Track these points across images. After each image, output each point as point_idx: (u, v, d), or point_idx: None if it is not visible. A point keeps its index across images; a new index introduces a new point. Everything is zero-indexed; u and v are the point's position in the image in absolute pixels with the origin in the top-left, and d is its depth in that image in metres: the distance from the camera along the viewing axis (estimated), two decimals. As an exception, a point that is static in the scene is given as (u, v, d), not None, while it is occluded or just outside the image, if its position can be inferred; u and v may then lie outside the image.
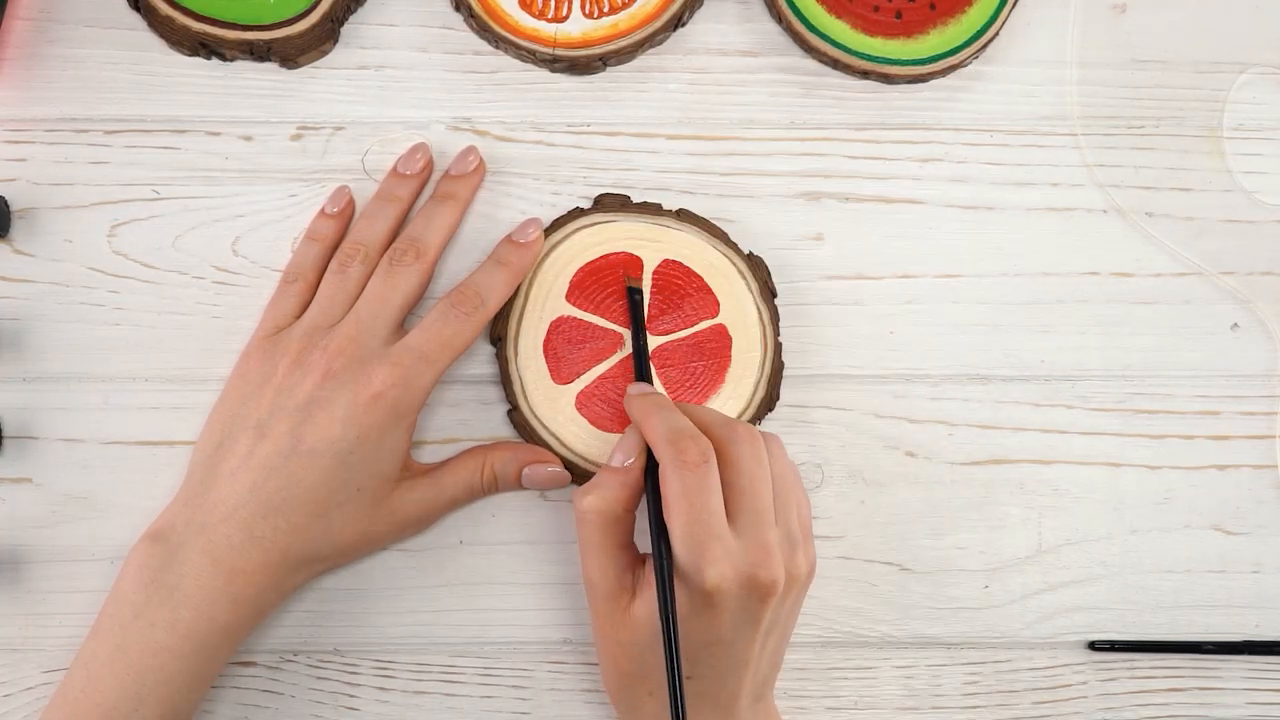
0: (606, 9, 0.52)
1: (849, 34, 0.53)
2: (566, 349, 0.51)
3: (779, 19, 0.53)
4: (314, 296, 0.50)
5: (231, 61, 0.53)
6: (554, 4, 0.52)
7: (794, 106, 0.54)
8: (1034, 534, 0.53)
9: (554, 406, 0.51)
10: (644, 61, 0.54)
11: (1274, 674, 0.52)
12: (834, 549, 0.52)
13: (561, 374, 0.51)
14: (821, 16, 0.52)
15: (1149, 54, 0.55)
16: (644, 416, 0.46)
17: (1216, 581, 0.53)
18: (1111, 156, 0.54)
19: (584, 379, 0.51)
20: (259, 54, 0.52)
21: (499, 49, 0.53)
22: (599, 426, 0.50)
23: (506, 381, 0.51)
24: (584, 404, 0.50)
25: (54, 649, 0.50)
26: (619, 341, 0.51)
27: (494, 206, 0.53)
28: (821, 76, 0.54)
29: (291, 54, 0.52)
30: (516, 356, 0.51)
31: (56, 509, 0.51)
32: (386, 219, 0.51)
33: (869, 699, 0.52)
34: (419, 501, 0.49)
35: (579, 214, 0.52)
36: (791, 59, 0.54)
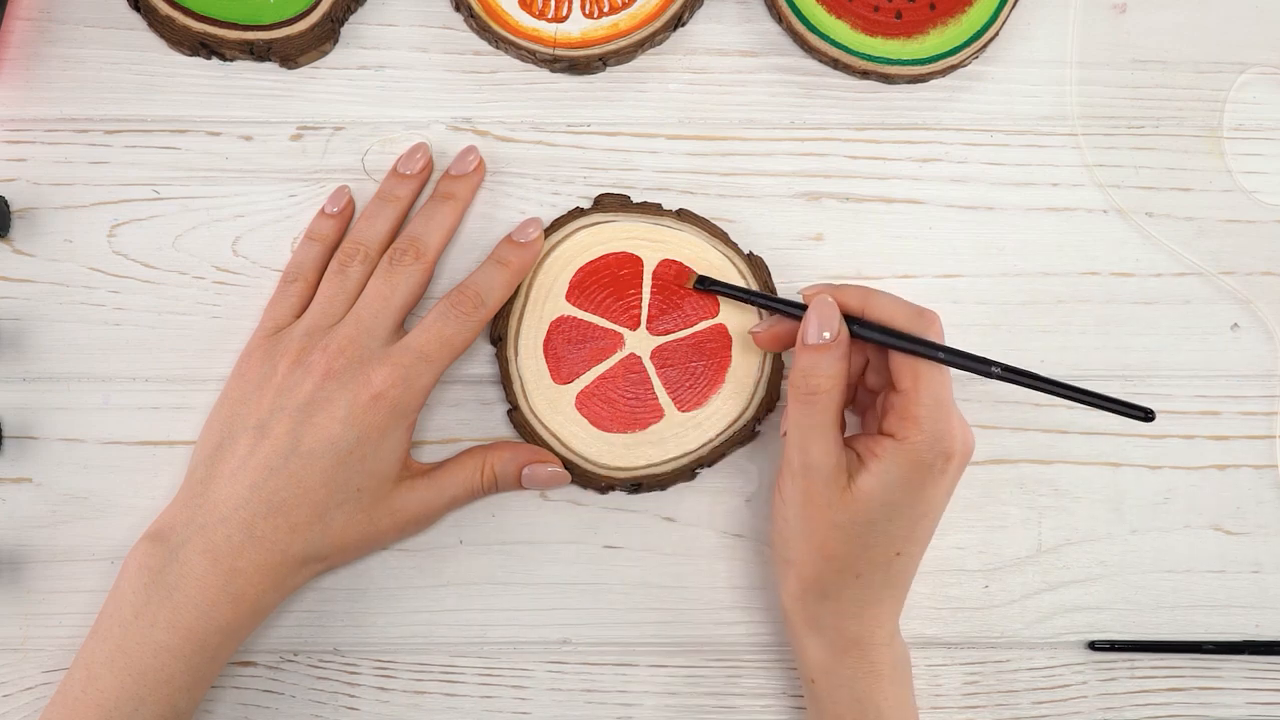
0: (606, 9, 0.52)
1: (849, 34, 0.53)
2: (566, 349, 0.51)
3: (779, 19, 0.53)
4: (314, 296, 0.50)
5: (231, 61, 0.53)
6: (554, 4, 0.52)
7: (794, 106, 0.54)
8: (1034, 534, 0.53)
9: (554, 406, 0.51)
10: (644, 61, 0.54)
11: (1274, 674, 0.52)
12: (834, 549, 0.52)
13: (561, 374, 0.51)
14: (822, 16, 0.52)
15: (1149, 54, 0.55)
16: (866, 296, 0.46)
17: (1216, 581, 0.53)
18: (1111, 156, 0.54)
19: (584, 379, 0.51)
20: (259, 54, 0.52)
21: (499, 49, 0.53)
22: (599, 426, 0.50)
23: (506, 381, 0.51)
24: (584, 404, 0.50)
25: (54, 649, 0.50)
26: (619, 341, 0.51)
27: (494, 206, 0.53)
28: (822, 76, 0.54)
29: (291, 54, 0.52)
30: (516, 356, 0.51)
31: (56, 509, 0.51)
32: (386, 219, 0.51)
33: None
34: (419, 501, 0.49)
35: (579, 214, 0.52)
36: (791, 59, 0.54)
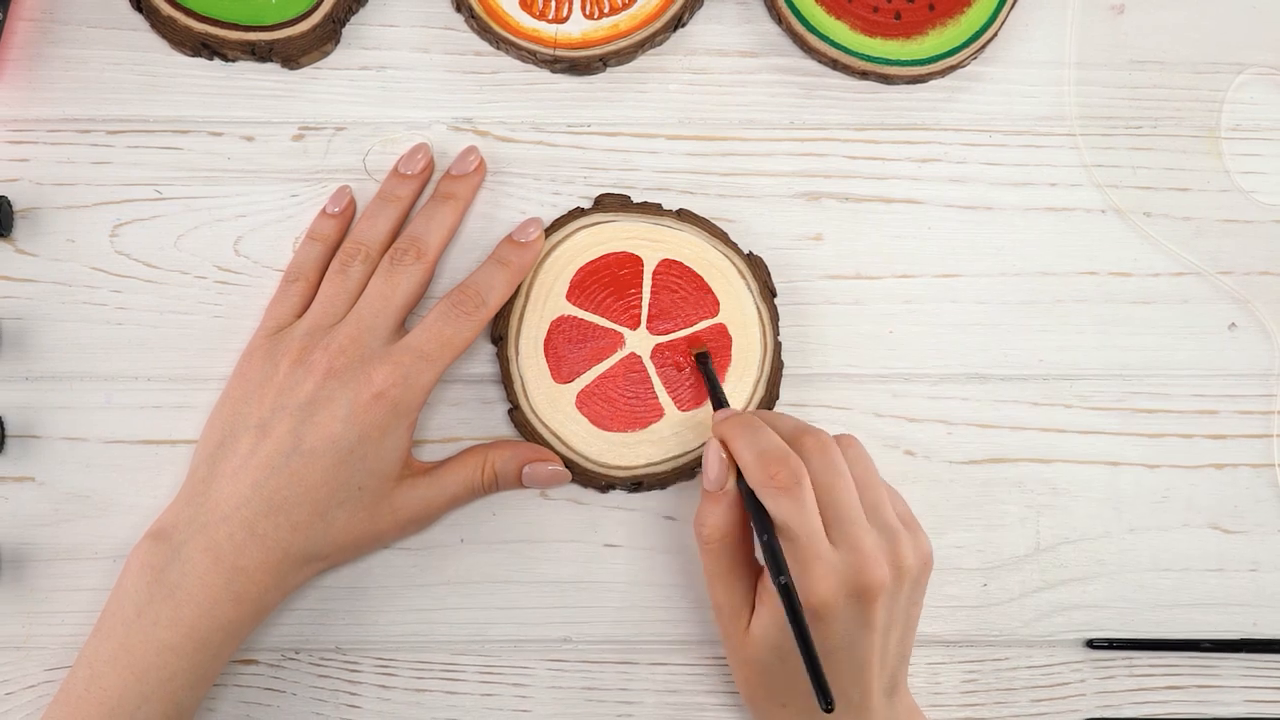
0: (607, 10, 0.52)
1: (848, 35, 0.53)
2: (567, 348, 0.51)
3: (779, 20, 0.53)
4: (315, 296, 0.50)
5: (233, 62, 0.53)
6: (554, 5, 0.52)
7: (793, 107, 0.54)
8: (1032, 532, 0.53)
9: (554, 405, 0.51)
10: (644, 62, 0.54)
11: (1271, 671, 0.53)
12: (833, 547, 0.53)
13: (562, 373, 0.51)
14: (821, 17, 0.53)
15: (1147, 55, 0.55)
16: (731, 439, 0.46)
17: (1214, 580, 0.53)
18: (1109, 157, 0.54)
19: (584, 378, 0.51)
20: (261, 54, 0.52)
21: (500, 50, 0.53)
22: (599, 425, 0.51)
23: (507, 380, 0.51)
24: (584, 403, 0.51)
25: (57, 647, 0.51)
26: (619, 341, 0.51)
27: (495, 206, 0.53)
28: (821, 77, 0.54)
29: (293, 54, 0.52)
30: (517, 356, 0.51)
31: (59, 507, 0.51)
32: (387, 219, 0.51)
33: None
34: (420, 500, 0.49)
35: (579, 214, 0.52)
36: (791, 59, 0.54)
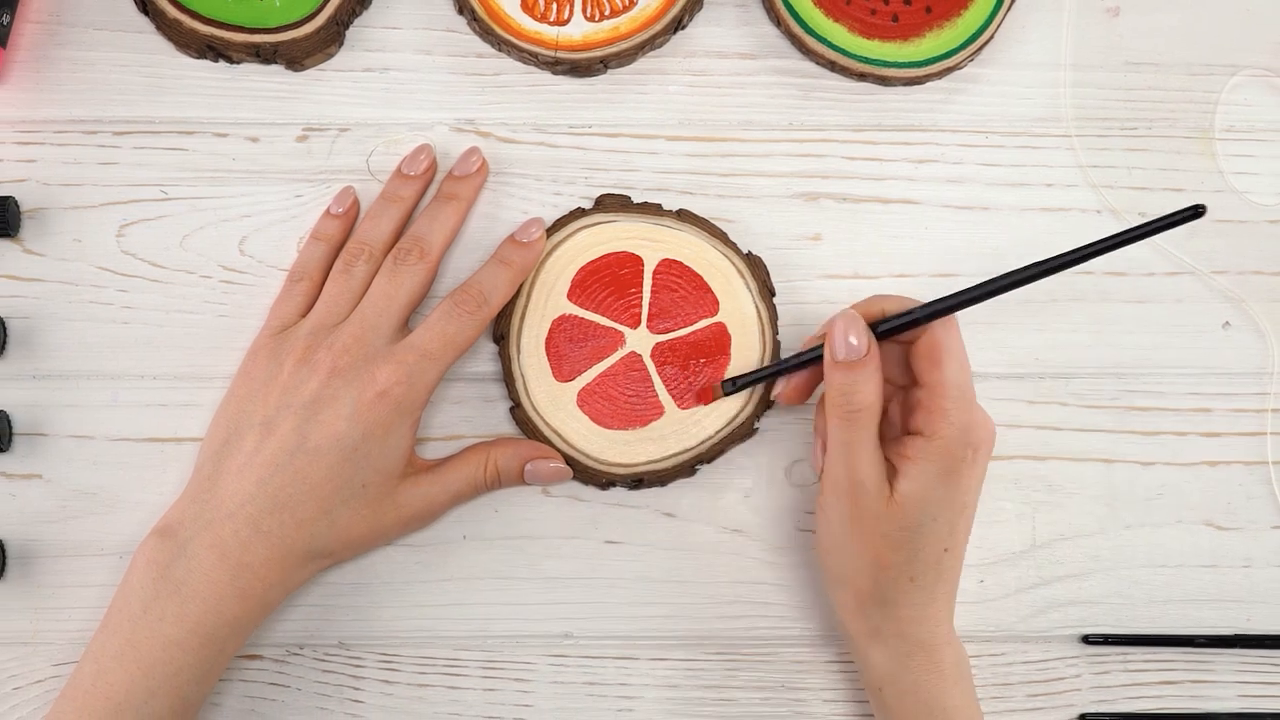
0: (607, 12, 0.52)
1: (846, 37, 0.53)
2: (568, 347, 0.51)
3: (777, 22, 0.53)
4: (319, 295, 0.50)
5: (238, 64, 0.53)
6: (556, 7, 0.52)
7: (792, 108, 0.54)
8: (1028, 529, 0.53)
9: (556, 403, 0.51)
10: (644, 64, 0.54)
11: (1265, 667, 0.53)
12: (831, 544, 0.53)
13: (563, 371, 0.51)
14: (819, 20, 0.53)
15: (1142, 56, 0.55)
16: (869, 300, 0.48)
17: (1208, 576, 0.53)
18: (1105, 157, 0.54)
19: (585, 376, 0.51)
20: (265, 56, 0.52)
21: (501, 52, 0.53)
22: (600, 423, 0.51)
23: (509, 379, 0.51)
24: (585, 401, 0.51)
25: (64, 643, 0.51)
26: (619, 340, 0.51)
27: (497, 206, 0.53)
28: (819, 79, 0.54)
29: (297, 56, 0.52)
30: (519, 354, 0.51)
31: (66, 504, 0.51)
32: (391, 219, 0.51)
33: (864, 692, 0.51)
34: (423, 497, 0.49)
35: (580, 214, 0.52)
36: (790, 61, 0.54)
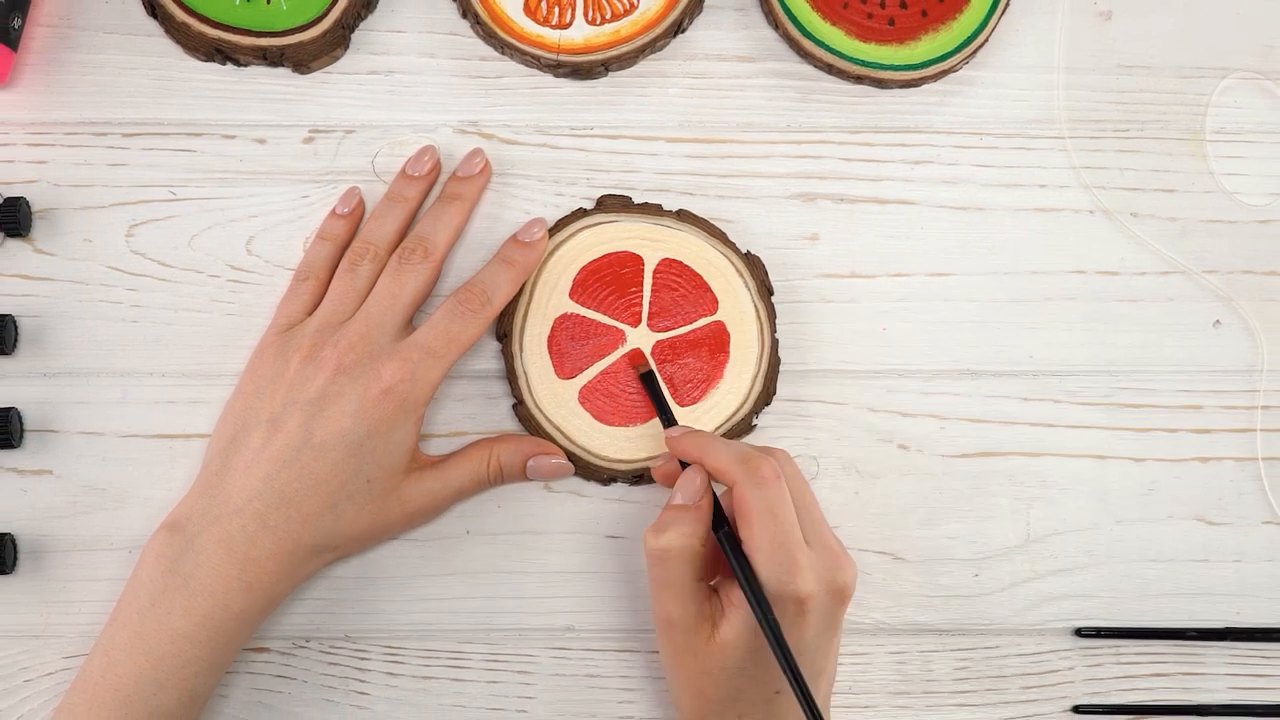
0: (609, 16, 0.53)
1: (843, 40, 0.53)
2: (570, 345, 0.51)
3: (776, 26, 0.54)
4: (325, 294, 0.50)
5: (246, 67, 0.53)
6: (558, 11, 0.52)
7: (790, 110, 0.54)
8: (1022, 524, 0.53)
9: (558, 400, 0.51)
10: (645, 67, 0.54)
11: (1254, 659, 0.53)
12: (829, 539, 0.53)
13: (565, 369, 0.51)
14: (817, 23, 0.53)
15: (1134, 59, 0.55)
16: (703, 449, 0.47)
17: (1199, 570, 0.53)
18: (1097, 159, 0.54)
19: (587, 374, 0.51)
20: (272, 59, 0.52)
21: (504, 55, 0.54)
22: (601, 420, 0.51)
23: (512, 376, 0.51)
24: (587, 398, 0.51)
25: (74, 635, 0.51)
26: (620, 338, 0.52)
27: (500, 207, 0.53)
28: (817, 81, 0.54)
29: (304, 59, 0.52)
30: (521, 352, 0.51)
31: (76, 500, 0.52)
32: (395, 219, 0.51)
33: (863, 684, 0.52)
34: (427, 492, 0.50)
35: (582, 214, 0.53)
36: (788, 64, 0.54)
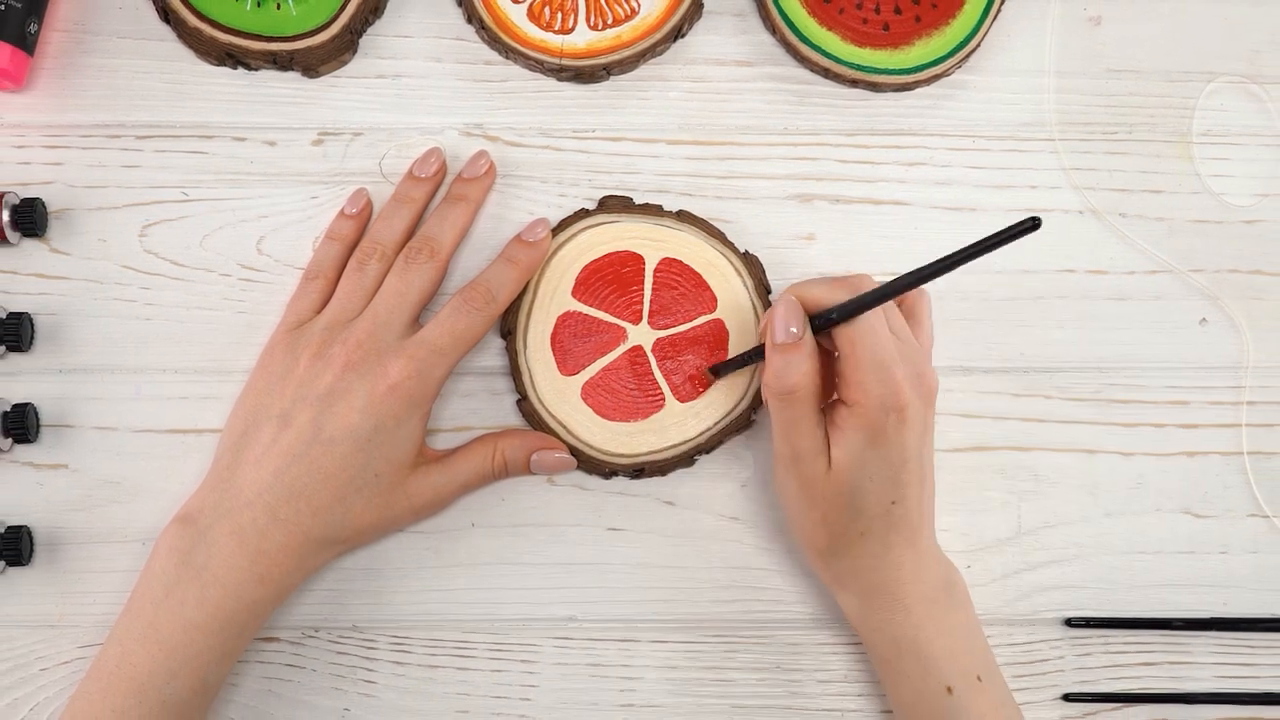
0: (610, 21, 0.53)
1: (839, 45, 0.54)
2: (572, 342, 0.52)
3: (773, 31, 0.54)
4: (334, 293, 0.51)
5: (256, 71, 0.54)
6: (561, 16, 0.53)
7: (787, 113, 0.55)
8: (1014, 517, 0.54)
9: (561, 396, 0.52)
10: (646, 71, 0.55)
11: (1240, 649, 0.54)
12: (825, 531, 0.54)
13: (568, 365, 0.52)
14: (813, 28, 0.54)
15: (1123, 64, 0.56)
16: (796, 287, 0.48)
17: (1186, 561, 0.54)
18: (1087, 160, 0.55)
19: (589, 370, 0.52)
20: (282, 64, 0.53)
21: (509, 59, 0.54)
22: (603, 415, 0.52)
23: (516, 373, 0.52)
24: (589, 394, 0.52)
25: (89, 625, 0.51)
26: (622, 335, 0.52)
27: (504, 208, 0.54)
28: (813, 85, 0.55)
29: (313, 64, 0.53)
30: (525, 349, 0.52)
31: (91, 493, 0.52)
32: (402, 219, 0.52)
33: (857, 672, 0.53)
34: (433, 486, 0.50)
35: (584, 215, 0.53)
36: (785, 69, 0.55)
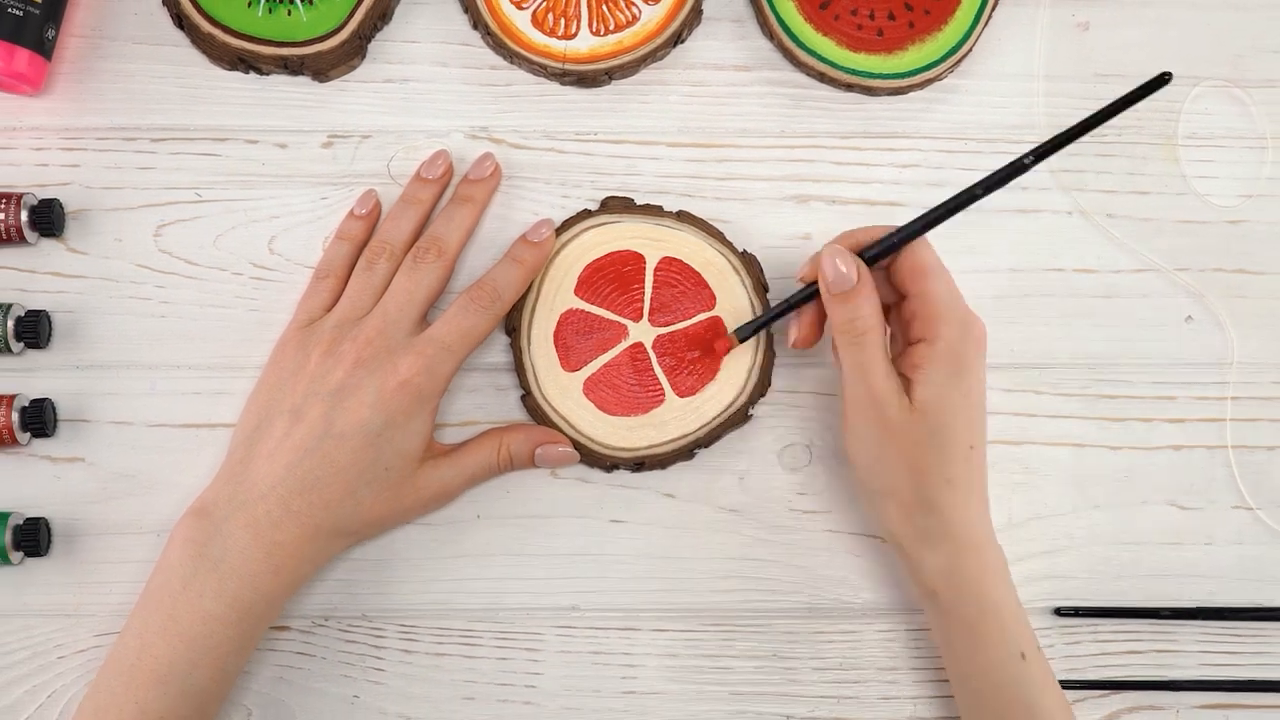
0: (612, 27, 0.54)
1: (835, 50, 0.55)
2: (575, 339, 0.53)
3: (770, 36, 0.55)
4: (344, 291, 0.52)
5: (268, 75, 0.55)
6: (564, 22, 0.54)
7: (784, 117, 0.56)
8: (1005, 509, 0.54)
9: (564, 392, 0.52)
10: (646, 75, 0.56)
11: (1225, 637, 0.55)
12: (821, 523, 0.54)
13: (570, 362, 0.53)
14: (809, 34, 0.54)
15: (1110, 68, 0.56)
16: (850, 234, 0.48)
17: (1172, 552, 0.55)
18: (1075, 162, 0.56)
19: (591, 366, 0.53)
20: (293, 68, 0.54)
21: (513, 64, 0.55)
22: (605, 410, 0.52)
23: (520, 369, 0.53)
24: (591, 389, 0.53)
25: (105, 614, 0.52)
26: (623, 332, 0.53)
27: (509, 208, 0.55)
28: (809, 89, 0.56)
29: (323, 68, 0.54)
30: (529, 346, 0.53)
31: (107, 486, 0.53)
32: (410, 219, 0.53)
33: (853, 660, 0.54)
34: (441, 479, 0.51)
35: (587, 215, 0.54)
36: (782, 73, 0.56)
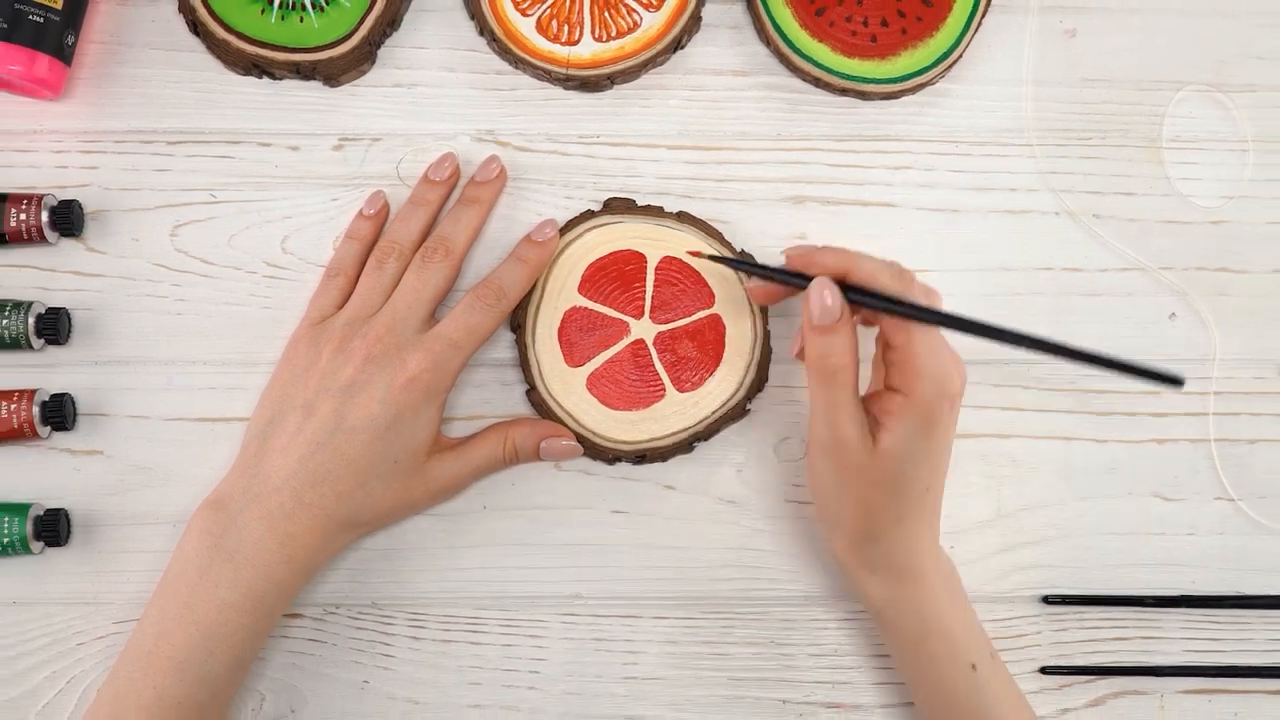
0: (614, 33, 0.55)
1: (830, 56, 0.55)
2: (578, 336, 0.54)
3: (767, 43, 0.56)
4: (354, 290, 0.52)
5: (280, 80, 0.55)
6: (567, 29, 0.55)
7: (781, 120, 0.56)
8: (994, 500, 0.55)
9: (567, 387, 0.53)
10: (647, 80, 0.56)
11: (1207, 625, 0.55)
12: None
13: (574, 358, 0.53)
14: (805, 40, 0.55)
15: (1096, 73, 0.57)
16: (850, 260, 0.46)
17: (1157, 542, 0.56)
18: (1063, 164, 0.57)
19: (594, 362, 0.53)
20: (305, 74, 0.54)
21: (518, 69, 0.56)
22: (607, 404, 0.53)
23: (525, 365, 0.53)
24: (594, 384, 0.53)
25: (123, 603, 0.53)
26: (625, 329, 0.54)
27: (514, 209, 0.56)
28: (805, 94, 0.56)
29: (334, 74, 0.54)
30: (534, 342, 0.53)
31: (124, 478, 0.54)
32: (418, 220, 0.53)
33: (847, 646, 0.54)
34: (449, 471, 0.52)
35: (590, 216, 0.54)
36: (779, 78, 0.57)
